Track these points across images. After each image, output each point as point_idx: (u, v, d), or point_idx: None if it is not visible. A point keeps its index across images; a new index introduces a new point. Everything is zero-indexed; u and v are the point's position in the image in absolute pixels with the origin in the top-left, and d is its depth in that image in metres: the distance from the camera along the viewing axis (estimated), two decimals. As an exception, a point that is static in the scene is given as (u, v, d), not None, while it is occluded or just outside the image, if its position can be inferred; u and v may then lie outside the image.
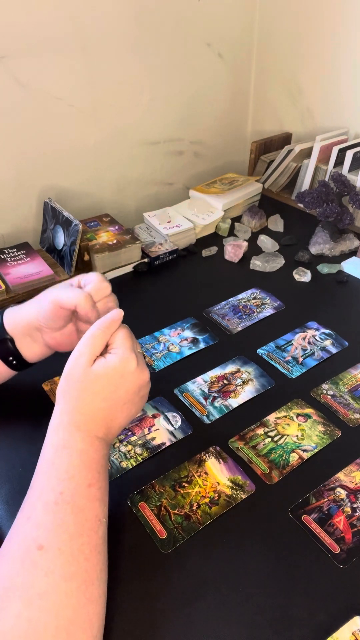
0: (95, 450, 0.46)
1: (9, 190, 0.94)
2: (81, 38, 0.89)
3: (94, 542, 0.42)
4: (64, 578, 0.39)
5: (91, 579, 0.40)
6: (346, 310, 0.83)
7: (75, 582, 0.39)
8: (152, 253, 0.94)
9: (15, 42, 0.83)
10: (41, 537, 0.40)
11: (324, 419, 0.63)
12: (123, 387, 0.47)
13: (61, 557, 0.39)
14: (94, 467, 0.45)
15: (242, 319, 0.81)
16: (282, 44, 1.13)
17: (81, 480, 0.44)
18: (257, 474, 0.57)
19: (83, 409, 0.46)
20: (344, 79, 1.06)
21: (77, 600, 0.39)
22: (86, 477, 0.44)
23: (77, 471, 0.44)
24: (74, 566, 0.40)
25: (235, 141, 1.28)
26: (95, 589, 0.41)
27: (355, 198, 0.91)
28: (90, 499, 0.43)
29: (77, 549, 0.40)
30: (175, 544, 0.50)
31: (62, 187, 1.01)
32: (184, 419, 0.63)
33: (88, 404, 0.47)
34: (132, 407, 0.49)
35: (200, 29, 1.06)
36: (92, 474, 0.45)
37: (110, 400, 0.47)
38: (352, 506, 0.53)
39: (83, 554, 0.41)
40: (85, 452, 0.45)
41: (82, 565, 0.40)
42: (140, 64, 1.00)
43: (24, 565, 0.39)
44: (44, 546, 0.39)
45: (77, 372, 0.47)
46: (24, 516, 0.42)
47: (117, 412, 0.48)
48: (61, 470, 0.44)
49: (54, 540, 0.40)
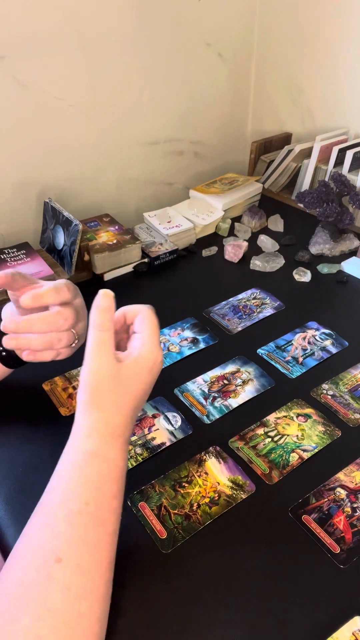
0: (122, 459, 0.44)
1: (9, 190, 0.94)
2: (81, 38, 0.89)
3: (109, 558, 0.41)
4: (79, 596, 0.37)
5: (103, 597, 0.39)
6: (346, 310, 0.83)
7: (89, 602, 0.38)
8: (152, 253, 0.94)
9: (15, 42, 0.83)
10: (60, 549, 0.38)
11: (324, 419, 0.63)
12: (150, 381, 0.45)
13: (78, 573, 0.38)
14: (120, 477, 0.43)
15: (242, 319, 0.81)
16: (282, 44, 1.13)
17: (107, 492, 0.42)
18: (257, 474, 0.57)
19: (119, 413, 0.44)
20: (344, 79, 1.06)
21: (88, 620, 0.38)
22: (111, 489, 0.42)
23: (105, 481, 0.42)
24: (89, 584, 0.38)
25: (235, 141, 1.28)
26: (103, 608, 0.40)
27: (355, 198, 0.91)
28: (112, 512, 0.42)
29: (94, 565, 0.39)
30: (176, 544, 0.50)
31: (62, 187, 1.01)
32: (184, 419, 0.63)
33: (123, 407, 0.44)
34: (145, 400, 0.47)
35: (200, 29, 1.06)
36: (117, 485, 0.43)
37: (139, 397, 0.45)
38: (352, 506, 0.53)
39: (99, 570, 0.39)
40: (114, 462, 0.43)
41: (96, 583, 0.39)
42: (140, 64, 1.00)
43: (39, 576, 0.37)
44: (62, 559, 0.38)
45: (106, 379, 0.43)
46: (44, 522, 0.41)
47: (140, 405, 0.46)
48: (90, 479, 0.41)
49: (74, 553, 0.38)
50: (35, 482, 0.56)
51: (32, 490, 0.55)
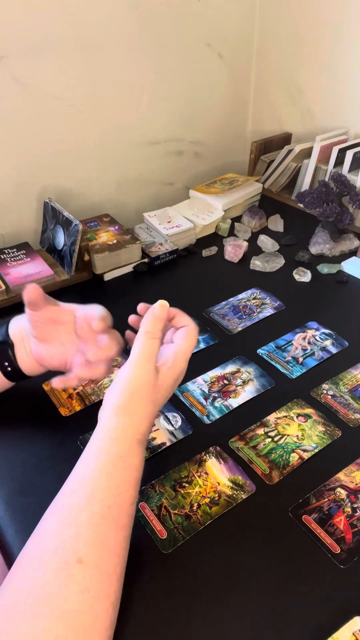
0: (142, 466, 0.45)
1: (9, 190, 0.94)
2: (81, 38, 0.89)
3: (124, 562, 0.42)
4: (98, 598, 0.38)
5: (117, 600, 0.40)
6: (346, 310, 0.83)
7: (105, 604, 0.38)
8: (152, 253, 0.94)
9: (15, 42, 0.83)
10: (81, 551, 0.39)
11: (324, 419, 0.63)
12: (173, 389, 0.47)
13: (97, 576, 0.38)
14: (138, 484, 0.44)
15: (242, 319, 0.81)
16: (282, 44, 1.13)
17: (128, 497, 0.42)
18: (258, 474, 0.57)
19: (147, 420, 0.45)
20: (344, 79, 1.06)
21: (103, 622, 0.38)
22: (132, 495, 0.43)
23: (128, 487, 0.43)
24: (106, 587, 0.39)
25: (235, 141, 1.28)
26: (116, 611, 0.40)
27: (355, 198, 0.91)
28: (131, 517, 0.43)
29: (112, 569, 0.40)
30: (176, 544, 0.50)
31: (62, 187, 1.01)
32: (184, 419, 0.63)
33: (151, 415, 0.46)
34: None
35: (200, 29, 1.06)
36: (136, 491, 0.44)
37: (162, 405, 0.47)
38: (353, 506, 0.53)
39: (116, 574, 0.40)
40: (136, 468, 0.44)
41: (113, 586, 0.39)
42: (140, 64, 1.00)
43: (59, 576, 0.38)
44: (83, 561, 0.38)
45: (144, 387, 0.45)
46: (65, 521, 0.41)
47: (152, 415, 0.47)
48: (114, 483, 0.42)
49: (94, 556, 0.39)
50: (35, 482, 0.56)
51: (32, 490, 0.55)
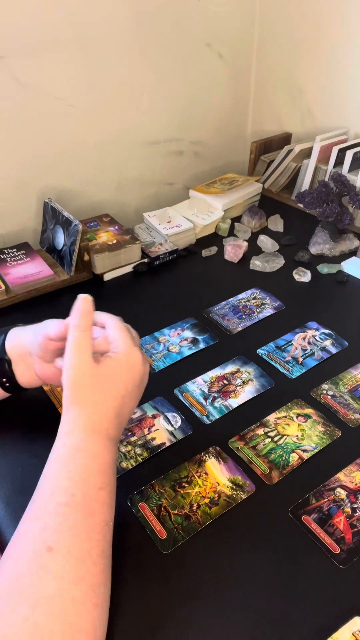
0: (107, 453, 0.45)
1: (9, 190, 0.94)
2: (81, 38, 0.89)
3: (102, 547, 0.42)
4: (72, 582, 0.39)
5: (98, 583, 0.40)
6: (346, 310, 0.83)
7: (83, 587, 0.39)
8: (152, 253, 0.94)
9: (15, 42, 0.83)
10: (51, 539, 0.39)
11: (324, 419, 0.63)
12: (130, 382, 0.47)
13: (70, 561, 0.39)
14: (107, 470, 0.45)
15: (242, 319, 0.81)
16: (282, 44, 1.13)
17: (93, 484, 0.43)
18: (257, 474, 0.57)
19: (99, 410, 0.46)
20: (344, 79, 1.06)
21: (84, 605, 0.38)
22: (99, 481, 0.44)
23: (90, 474, 0.43)
24: (82, 570, 0.39)
25: (235, 141, 1.28)
26: (100, 594, 0.40)
27: (355, 198, 0.91)
28: (100, 503, 0.43)
29: (85, 553, 0.40)
30: (175, 544, 0.50)
31: (62, 187, 1.01)
32: (184, 419, 0.63)
33: (102, 405, 0.46)
34: (135, 401, 0.49)
35: (200, 29, 1.06)
36: (103, 477, 0.44)
37: (120, 397, 0.47)
38: (352, 506, 0.53)
39: (91, 558, 0.40)
40: (99, 455, 0.45)
41: (90, 570, 0.40)
42: (140, 64, 1.00)
43: (31, 566, 0.39)
44: (53, 548, 0.39)
45: (85, 376, 0.46)
46: (33, 516, 0.42)
47: (126, 407, 0.48)
48: (75, 472, 0.43)
49: (64, 542, 0.40)
50: (35, 482, 0.55)
51: (32, 490, 0.55)
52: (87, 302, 0.48)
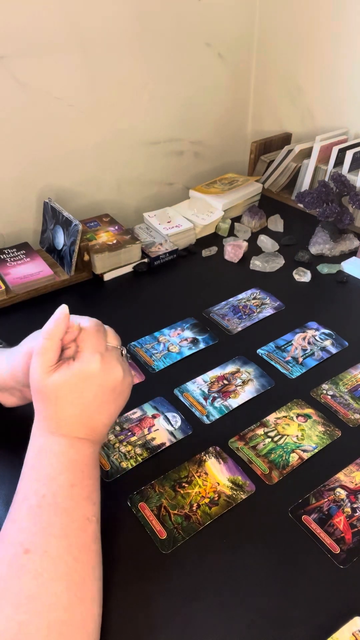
0: (76, 451, 0.46)
1: (9, 190, 0.94)
2: (81, 38, 0.89)
3: (82, 542, 0.42)
4: (53, 579, 0.39)
5: (82, 578, 0.40)
6: (346, 310, 0.83)
7: (65, 583, 0.39)
8: (152, 253, 0.94)
9: (15, 42, 0.83)
10: (27, 541, 0.40)
11: (324, 419, 0.63)
12: (90, 390, 0.46)
13: (48, 559, 0.39)
14: (77, 467, 0.45)
15: (242, 319, 0.81)
16: (282, 44, 1.13)
17: (63, 482, 0.43)
18: (257, 474, 0.57)
19: (53, 415, 0.46)
20: (344, 79, 1.06)
21: (68, 600, 0.39)
22: (68, 478, 0.44)
23: (58, 473, 0.44)
24: (62, 567, 0.40)
25: (235, 141, 1.28)
26: (87, 589, 0.41)
27: (355, 198, 0.91)
28: (74, 499, 0.43)
29: (64, 550, 0.40)
30: (175, 545, 0.50)
31: (62, 187, 1.01)
32: (184, 419, 0.63)
33: (56, 411, 0.46)
34: (111, 405, 0.48)
35: (200, 29, 1.06)
36: (74, 474, 0.44)
37: (79, 404, 0.46)
38: (352, 506, 0.53)
39: (71, 554, 0.41)
40: (64, 454, 0.45)
41: (71, 566, 0.40)
42: (140, 64, 1.00)
43: (11, 569, 0.39)
44: (30, 550, 0.40)
45: (36, 384, 0.46)
46: (10, 519, 0.43)
47: (93, 413, 0.47)
48: (42, 473, 0.44)
49: (40, 543, 0.40)
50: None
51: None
52: (60, 311, 0.48)
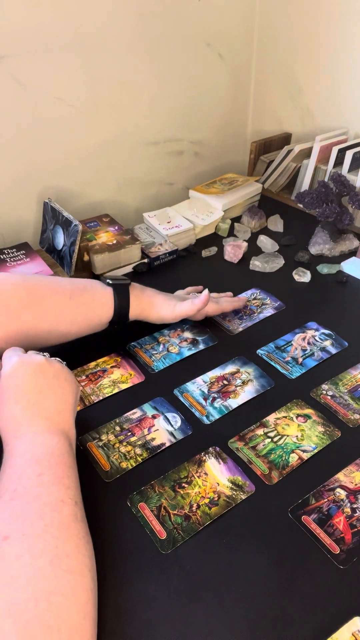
0: (37, 445, 0.48)
1: (9, 191, 0.94)
2: (81, 38, 0.89)
3: (59, 521, 0.43)
4: (34, 557, 0.40)
5: (65, 554, 0.42)
6: (346, 311, 0.83)
7: (47, 558, 0.40)
8: (152, 253, 0.94)
9: (15, 42, 0.83)
10: (4, 530, 0.42)
11: (323, 420, 0.63)
12: (22, 381, 0.51)
13: (26, 541, 0.41)
14: (42, 458, 0.47)
15: (243, 319, 0.81)
16: (282, 44, 1.13)
17: (30, 474, 0.46)
18: (257, 475, 0.57)
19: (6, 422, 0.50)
20: (344, 79, 1.06)
21: (53, 572, 0.40)
22: (34, 470, 0.46)
23: (23, 469, 0.46)
24: (40, 545, 0.41)
25: (235, 141, 1.28)
26: (72, 561, 0.42)
27: (354, 198, 0.91)
28: (44, 485, 0.45)
29: (41, 530, 0.42)
30: (175, 545, 0.50)
31: (62, 187, 1.01)
32: (184, 419, 0.63)
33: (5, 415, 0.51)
34: (52, 390, 0.53)
35: (200, 29, 1.06)
36: (40, 464, 0.47)
37: (20, 400, 0.51)
38: (352, 507, 0.53)
39: (48, 533, 0.42)
40: (26, 452, 0.48)
41: (50, 543, 0.41)
42: (140, 64, 1.00)
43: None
44: (8, 536, 0.41)
45: None
46: None
47: (37, 403, 0.51)
48: (10, 473, 0.47)
49: (16, 528, 0.42)
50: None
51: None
52: None
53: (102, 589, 0.44)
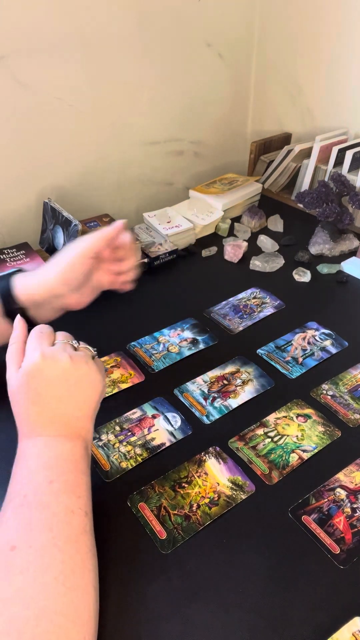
0: (51, 450, 0.47)
1: (9, 190, 0.94)
2: (81, 38, 0.89)
3: (67, 534, 0.43)
4: (39, 572, 0.40)
5: (70, 569, 0.41)
6: (346, 310, 0.83)
7: (52, 574, 0.40)
8: (152, 253, 0.94)
9: (15, 42, 0.83)
10: (12, 539, 0.41)
11: (323, 419, 0.63)
12: (42, 386, 0.49)
13: (33, 553, 0.40)
14: (54, 464, 0.46)
15: (243, 318, 0.81)
16: (282, 44, 1.13)
17: (41, 480, 0.45)
18: (257, 475, 0.57)
19: (23, 419, 0.49)
20: (344, 79, 1.06)
21: (56, 589, 0.39)
22: (46, 476, 0.45)
23: (35, 474, 0.45)
24: (46, 559, 0.41)
25: (235, 141, 1.28)
26: (77, 579, 0.41)
27: (354, 198, 0.91)
28: (54, 494, 0.44)
29: (48, 543, 0.41)
30: (175, 545, 0.50)
31: (62, 187, 1.01)
32: (184, 419, 0.63)
33: (24, 414, 0.49)
34: (74, 396, 0.50)
35: (200, 29, 1.06)
36: (52, 471, 0.46)
37: (39, 402, 0.49)
38: (352, 507, 0.53)
39: (56, 546, 0.41)
40: (39, 455, 0.47)
41: (56, 557, 0.41)
42: (140, 64, 1.00)
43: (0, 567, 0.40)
44: (16, 546, 0.41)
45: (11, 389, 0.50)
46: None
47: (57, 408, 0.49)
48: (22, 476, 0.46)
49: (24, 538, 0.41)
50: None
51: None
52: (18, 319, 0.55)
53: (102, 588, 0.44)
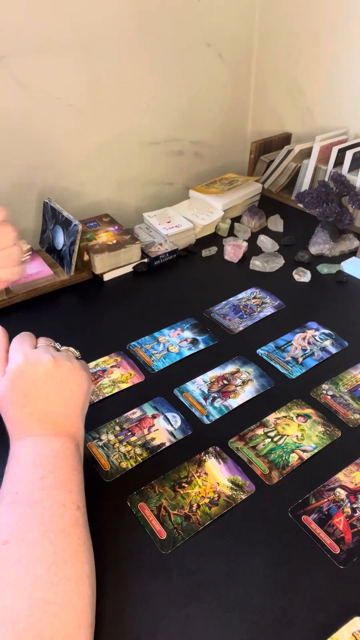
0: (41, 449, 0.48)
1: (9, 190, 0.94)
2: (81, 38, 0.89)
3: (59, 527, 0.43)
4: (32, 564, 0.40)
5: (63, 560, 0.41)
6: (346, 310, 0.83)
7: (44, 565, 0.40)
8: (152, 253, 0.94)
9: (15, 42, 0.83)
10: (4, 534, 0.42)
11: (323, 419, 0.63)
12: (28, 387, 0.50)
13: (25, 546, 0.41)
14: (45, 462, 0.47)
15: (244, 318, 0.81)
16: (282, 43, 1.13)
17: (32, 477, 0.46)
18: (257, 475, 0.57)
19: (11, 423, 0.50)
20: (344, 79, 1.06)
21: (48, 580, 0.40)
22: (37, 472, 0.46)
23: (25, 472, 0.46)
24: (39, 551, 0.41)
25: (235, 141, 1.28)
26: (70, 569, 0.41)
27: (355, 198, 0.91)
28: (45, 489, 0.45)
29: (40, 536, 0.42)
30: (175, 545, 0.50)
31: (62, 187, 1.01)
32: (184, 419, 0.63)
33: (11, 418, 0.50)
34: (60, 394, 0.51)
35: (200, 29, 1.06)
36: (43, 468, 0.47)
37: (26, 404, 0.49)
38: (352, 506, 0.53)
39: (48, 539, 0.42)
40: (30, 454, 0.48)
41: (49, 549, 0.41)
42: (140, 64, 1.00)
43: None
44: (8, 541, 0.41)
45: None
46: None
47: (44, 407, 0.50)
48: (13, 475, 0.47)
49: (16, 532, 0.42)
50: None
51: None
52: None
53: (102, 588, 0.44)
